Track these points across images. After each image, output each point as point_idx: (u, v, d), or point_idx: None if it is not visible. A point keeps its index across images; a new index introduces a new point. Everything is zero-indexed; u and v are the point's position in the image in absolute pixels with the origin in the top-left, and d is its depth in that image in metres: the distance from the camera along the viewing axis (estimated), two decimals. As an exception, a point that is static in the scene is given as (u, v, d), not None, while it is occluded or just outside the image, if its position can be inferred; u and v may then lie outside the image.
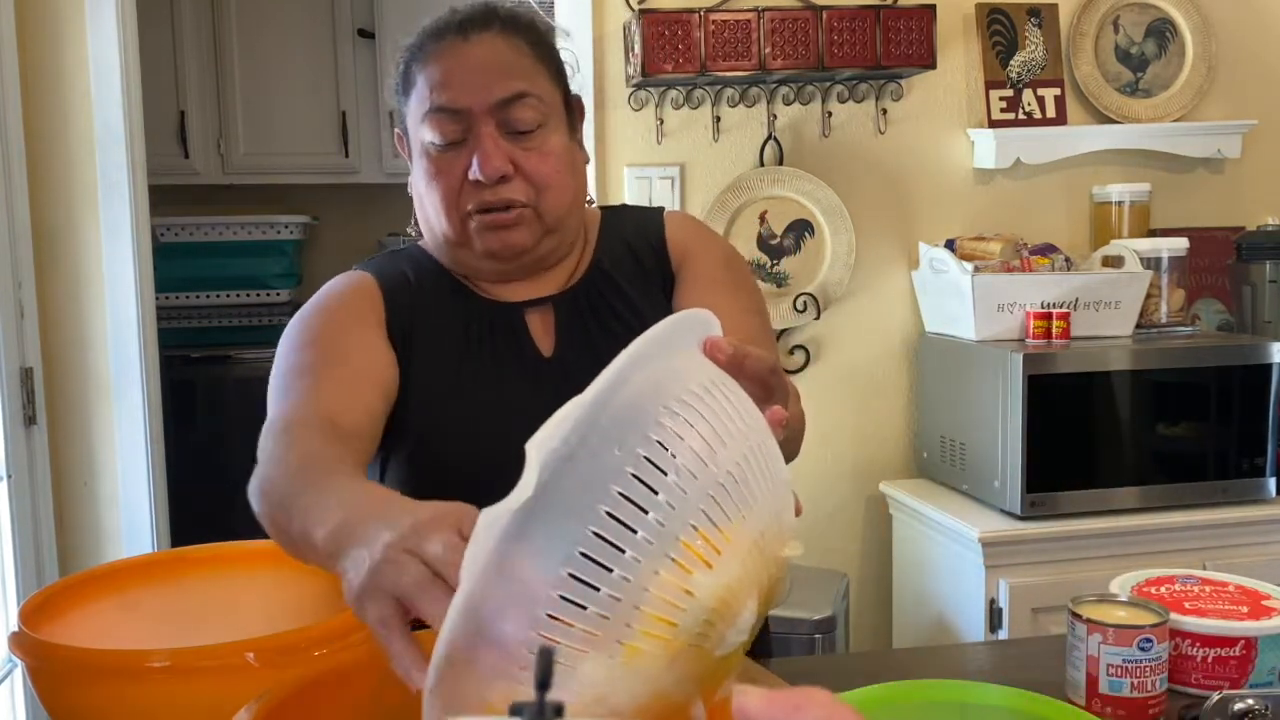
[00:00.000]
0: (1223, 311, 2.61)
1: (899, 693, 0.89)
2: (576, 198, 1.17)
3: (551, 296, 1.19)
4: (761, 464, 0.64)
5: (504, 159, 1.09)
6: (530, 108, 1.11)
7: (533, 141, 1.11)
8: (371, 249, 4.08)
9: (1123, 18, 2.58)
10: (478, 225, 1.12)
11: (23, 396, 2.12)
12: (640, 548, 0.58)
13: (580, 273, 1.21)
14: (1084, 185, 2.59)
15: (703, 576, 0.59)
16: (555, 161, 1.13)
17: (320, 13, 3.86)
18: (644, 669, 0.59)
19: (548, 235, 1.15)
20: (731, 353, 0.68)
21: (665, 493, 0.59)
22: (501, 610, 0.58)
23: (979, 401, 2.24)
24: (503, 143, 1.10)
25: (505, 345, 1.16)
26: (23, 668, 0.88)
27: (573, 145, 1.17)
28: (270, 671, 0.77)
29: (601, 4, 2.40)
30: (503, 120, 1.10)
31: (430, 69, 1.12)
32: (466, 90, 1.09)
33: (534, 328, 1.18)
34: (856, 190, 2.49)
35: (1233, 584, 1.12)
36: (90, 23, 2.24)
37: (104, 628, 0.95)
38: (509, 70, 1.11)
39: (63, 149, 2.26)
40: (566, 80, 1.18)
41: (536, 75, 1.12)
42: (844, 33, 2.28)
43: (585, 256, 1.22)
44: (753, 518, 0.62)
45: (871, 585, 2.56)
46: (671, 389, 0.62)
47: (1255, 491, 2.23)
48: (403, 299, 1.18)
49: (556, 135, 1.14)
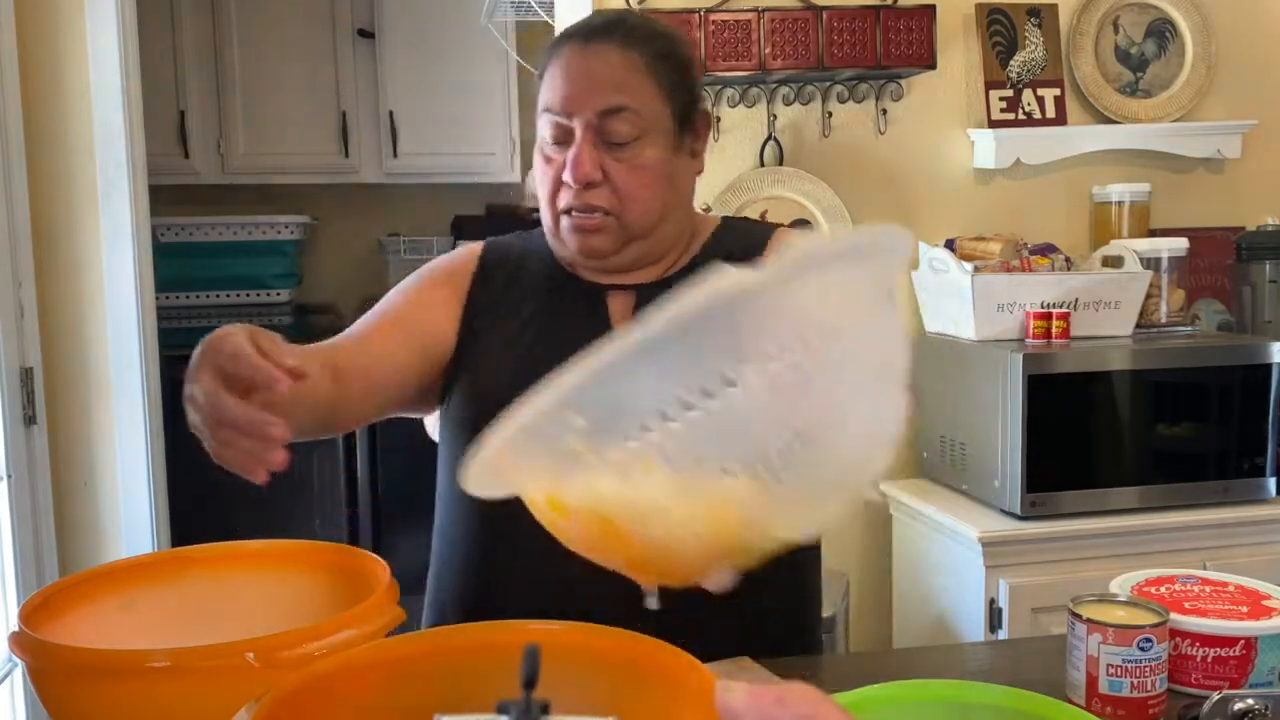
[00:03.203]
0: (1223, 311, 2.61)
1: (899, 693, 0.89)
2: (668, 209, 1.23)
3: (639, 285, 1.25)
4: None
5: (594, 166, 1.17)
6: (627, 121, 1.17)
7: (626, 153, 1.18)
8: (371, 249, 4.09)
9: (1123, 18, 2.58)
10: (567, 224, 1.21)
11: (23, 396, 2.12)
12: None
13: (676, 270, 1.26)
14: (1084, 185, 2.59)
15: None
16: (645, 175, 1.19)
17: (320, 13, 3.86)
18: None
19: (632, 243, 1.22)
20: None
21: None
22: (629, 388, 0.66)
23: (979, 401, 2.24)
24: (596, 151, 1.17)
25: (580, 317, 1.23)
26: (23, 668, 0.88)
27: (676, 161, 1.23)
28: (270, 671, 0.77)
29: (602, 4, 2.40)
30: (600, 129, 1.17)
31: (551, 69, 1.20)
32: (572, 97, 1.17)
33: (614, 307, 1.25)
34: (856, 190, 2.49)
35: (1233, 584, 1.12)
36: (90, 23, 2.24)
37: (104, 628, 0.95)
38: (615, 83, 1.17)
39: (63, 149, 2.26)
40: (688, 96, 1.23)
41: (643, 90, 1.18)
42: (844, 33, 2.28)
43: (686, 258, 1.28)
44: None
45: (871, 585, 2.56)
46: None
47: (1255, 491, 2.23)
48: (499, 269, 1.29)
49: (653, 149, 1.19)
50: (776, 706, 0.43)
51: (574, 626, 0.77)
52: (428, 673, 0.76)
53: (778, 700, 0.43)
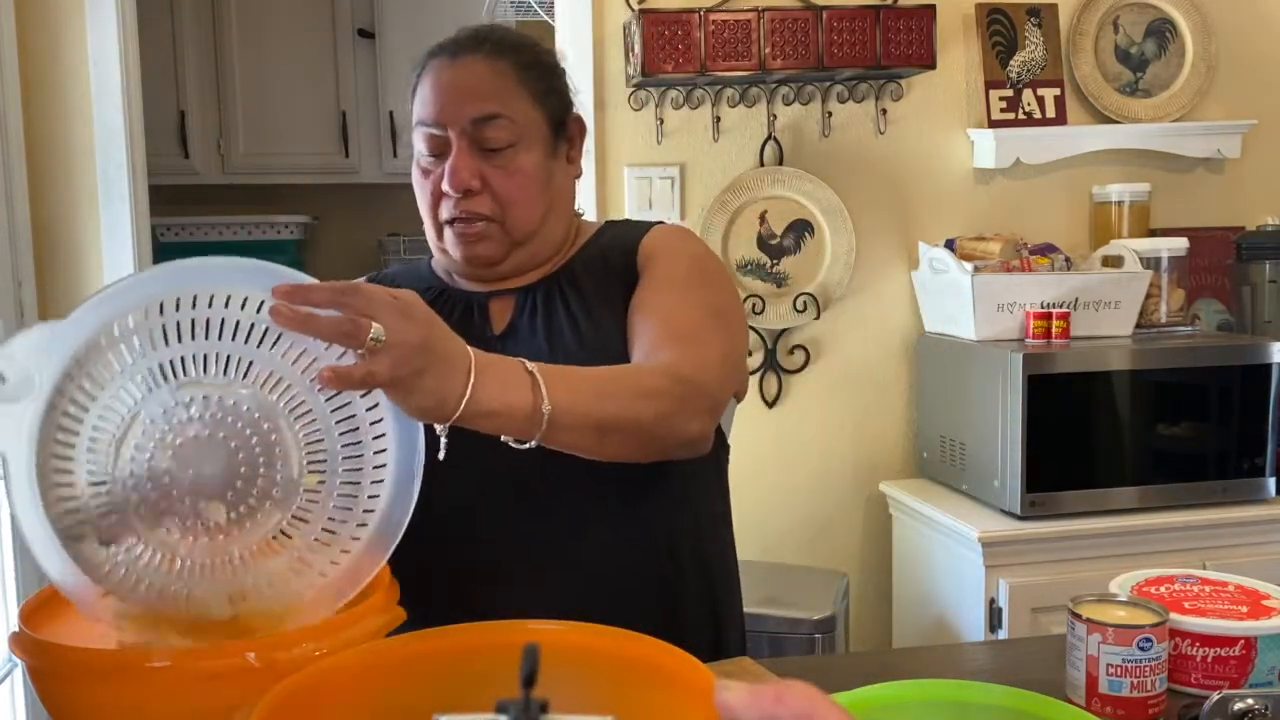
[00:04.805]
0: (1223, 311, 2.61)
1: (899, 693, 0.89)
2: (550, 214, 1.24)
3: (515, 288, 1.26)
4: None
5: (472, 174, 1.18)
6: (501, 128, 1.19)
7: (502, 159, 1.20)
8: (371, 249, 4.09)
9: (1123, 18, 2.58)
10: (450, 236, 1.22)
11: (23, 396, 2.11)
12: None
13: (554, 270, 1.27)
14: (1084, 185, 2.59)
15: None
16: (523, 179, 1.21)
17: (320, 13, 3.86)
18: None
19: (516, 248, 1.24)
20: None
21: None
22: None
23: (979, 401, 2.24)
24: (473, 160, 1.19)
25: (462, 323, 1.23)
26: (23, 668, 0.88)
27: (551, 164, 1.25)
28: (270, 671, 0.77)
29: (601, 4, 2.40)
30: (475, 138, 1.19)
31: (422, 85, 1.22)
32: (445, 108, 1.19)
33: (493, 312, 1.26)
34: (856, 190, 2.49)
35: (1232, 584, 1.12)
36: (90, 23, 2.24)
37: (104, 628, 0.95)
38: (485, 92, 1.19)
39: (63, 149, 2.26)
40: (559, 102, 1.26)
41: (515, 98, 1.20)
42: (844, 33, 2.28)
43: (563, 259, 1.29)
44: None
45: (871, 585, 2.56)
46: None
47: (1255, 491, 2.23)
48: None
49: (529, 155, 1.21)
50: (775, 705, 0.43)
51: (574, 626, 0.77)
52: (428, 673, 0.76)
53: (777, 699, 0.43)
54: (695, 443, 1.10)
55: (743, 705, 0.44)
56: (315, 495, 0.87)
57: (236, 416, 0.85)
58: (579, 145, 1.30)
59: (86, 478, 0.85)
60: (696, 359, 1.11)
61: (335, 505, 0.87)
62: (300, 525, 0.87)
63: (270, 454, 0.85)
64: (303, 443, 0.86)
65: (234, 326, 0.84)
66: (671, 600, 1.21)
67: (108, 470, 0.85)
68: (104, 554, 0.87)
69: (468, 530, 1.17)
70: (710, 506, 1.28)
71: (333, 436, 0.86)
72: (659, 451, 1.09)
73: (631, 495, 1.18)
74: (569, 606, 0.86)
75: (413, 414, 0.87)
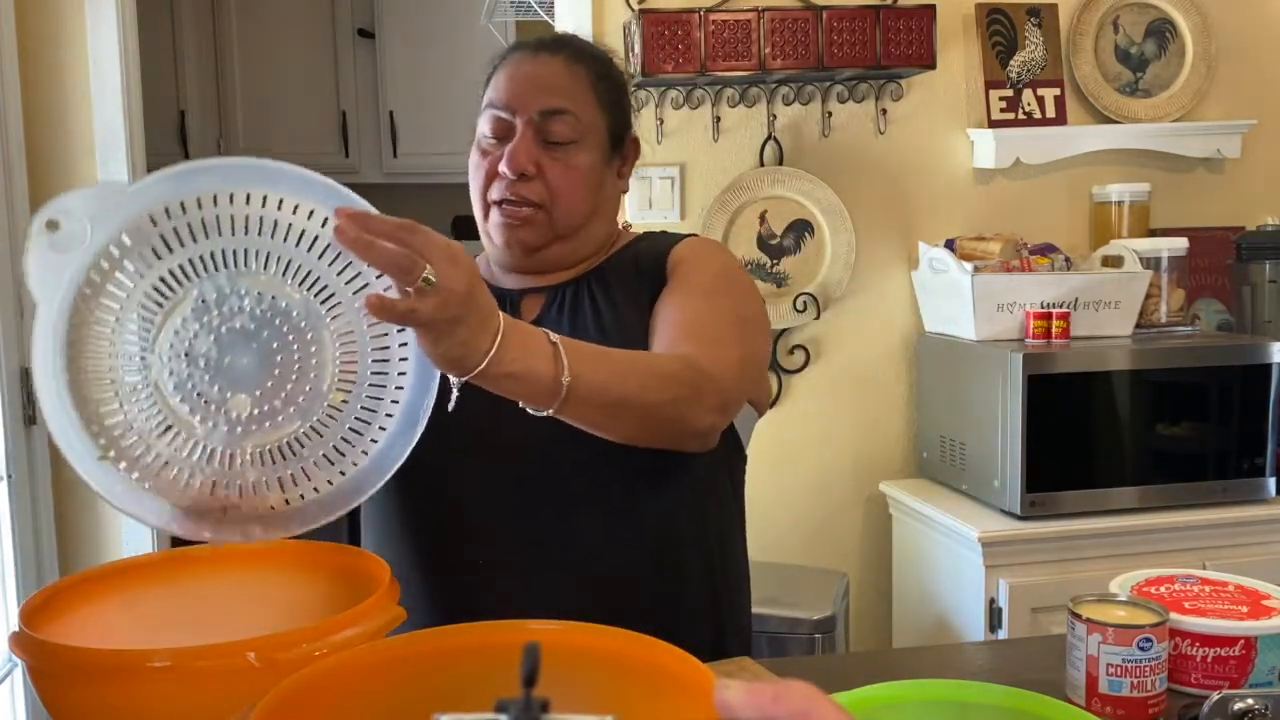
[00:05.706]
0: (1223, 311, 2.61)
1: (899, 693, 0.89)
2: (595, 216, 1.27)
3: (547, 286, 1.28)
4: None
5: (530, 159, 1.21)
6: (567, 124, 1.22)
7: (562, 153, 1.23)
8: (371, 249, 4.08)
9: (1122, 18, 2.58)
10: (496, 217, 1.24)
11: (23, 396, 2.12)
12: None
13: (587, 271, 1.29)
14: (1084, 185, 2.59)
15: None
16: (577, 175, 1.24)
17: (320, 13, 3.86)
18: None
19: (557, 241, 1.25)
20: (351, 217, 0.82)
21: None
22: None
23: (979, 401, 2.24)
24: (534, 147, 1.22)
25: None
26: (23, 668, 0.88)
27: (606, 171, 1.28)
28: (270, 671, 0.77)
29: (601, 4, 2.40)
30: (541, 128, 1.22)
31: (499, 73, 1.27)
32: (517, 95, 1.23)
33: (524, 307, 1.27)
34: (856, 190, 2.49)
35: (1232, 584, 1.12)
36: (90, 23, 2.24)
37: (104, 628, 0.95)
38: (558, 88, 1.23)
39: (63, 149, 2.26)
40: (622, 117, 1.30)
41: (584, 101, 1.25)
42: (844, 33, 2.28)
43: (596, 263, 1.30)
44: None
45: (871, 585, 2.56)
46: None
47: (1255, 491, 2.23)
48: None
49: (587, 155, 1.25)
50: (774, 704, 0.43)
51: (574, 626, 0.77)
52: (428, 673, 0.76)
53: (775, 698, 0.43)
54: (704, 435, 1.11)
55: (741, 704, 0.44)
56: (335, 414, 0.89)
57: (284, 319, 0.87)
58: (631, 163, 1.33)
59: (123, 344, 0.86)
60: (714, 356, 1.12)
61: (349, 428, 0.89)
62: (313, 439, 0.89)
63: (306, 363, 0.87)
64: (339, 360, 0.88)
65: (299, 235, 0.86)
66: (673, 602, 1.21)
67: (148, 339, 0.87)
68: (119, 416, 0.87)
69: (468, 531, 1.17)
70: (719, 510, 1.28)
71: (366, 362, 0.89)
72: (668, 438, 1.10)
73: (635, 495, 1.18)
74: (569, 606, 0.86)
75: (437, 361, 0.88)
